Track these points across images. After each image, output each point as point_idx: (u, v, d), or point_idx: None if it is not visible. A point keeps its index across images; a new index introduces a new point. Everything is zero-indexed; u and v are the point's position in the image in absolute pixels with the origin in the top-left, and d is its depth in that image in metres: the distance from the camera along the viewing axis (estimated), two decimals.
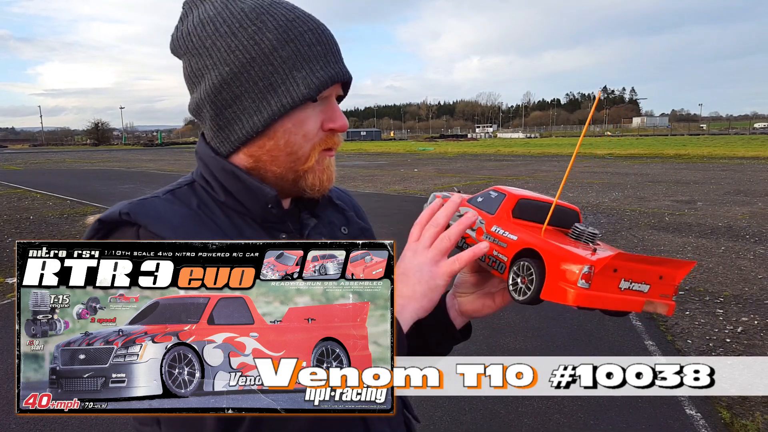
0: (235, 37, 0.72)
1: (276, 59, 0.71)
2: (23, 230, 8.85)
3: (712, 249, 6.79)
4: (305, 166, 0.76)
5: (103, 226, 0.71)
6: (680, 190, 12.68)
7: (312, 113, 0.75)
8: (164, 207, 0.74)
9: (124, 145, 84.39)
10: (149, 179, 18.47)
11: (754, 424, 2.90)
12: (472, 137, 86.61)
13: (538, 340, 4.00)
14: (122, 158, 36.55)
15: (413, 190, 13.81)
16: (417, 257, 0.74)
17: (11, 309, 4.92)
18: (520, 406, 3.14)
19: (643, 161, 23.49)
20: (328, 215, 0.86)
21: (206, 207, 0.76)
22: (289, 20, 0.73)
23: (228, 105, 0.74)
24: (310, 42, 0.73)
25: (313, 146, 0.76)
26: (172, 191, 0.78)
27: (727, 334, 4.15)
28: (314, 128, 0.75)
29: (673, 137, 59.43)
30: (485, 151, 36.27)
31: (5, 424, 2.96)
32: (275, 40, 0.71)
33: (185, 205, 0.75)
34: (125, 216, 0.70)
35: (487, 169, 20.85)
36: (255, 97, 0.72)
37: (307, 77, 0.72)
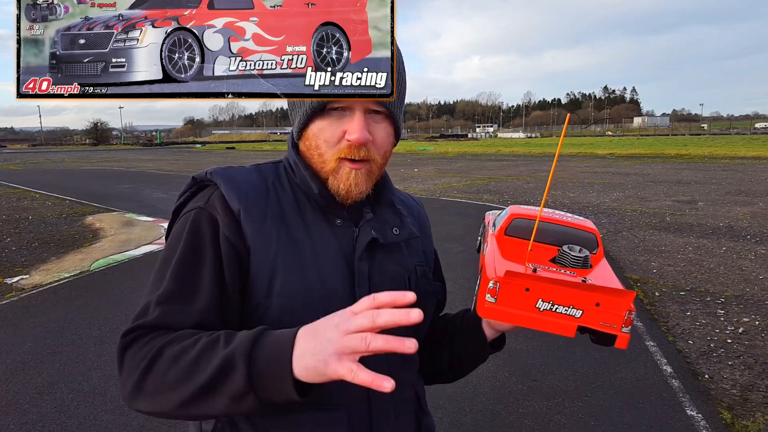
0: None
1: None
2: (22, 230, 8.84)
3: (713, 249, 6.77)
4: (327, 169, 0.85)
5: (195, 183, 0.88)
6: (681, 190, 12.66)
7: (333, 122, 0.83)
8: (243, 175, 0.87)
9: (124, 144, 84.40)
10: (149, 179, 18.45)
11: (755, 425, 2.89)
12: (473, 137, 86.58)
13: (539, 341, 3.98)
14: (121, 158, 36.55)
15: (413, 190, 13.78)
16: (334, 331, 0.64)
17: (11, 309, 4.91)
18: (520, 407, 3.12)
19: (644, 161, 23.46)
20: (384, 214, 0.93)
21: (280, 184, 0.89)
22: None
23: (291, 108, 0.89)
24: None
25: (334, 153, 0.84)
26: (259, 165, 0.93)
27: (728, 334, 4.13)
28: (334, 136, 0.83)
29: (674, 137, 59.41)
30: (486, 151, 36.24)
31: (5, 424, 2.95)
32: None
33: (262, 177, 0.89)
34: (209, 175, 0.86)
35: (488, 169, 20.83)
36: (297, 104, 0.86)
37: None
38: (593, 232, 0.94)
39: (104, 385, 3.36)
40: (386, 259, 0.90)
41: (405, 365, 0.90)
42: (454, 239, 7.48)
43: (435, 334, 1.02)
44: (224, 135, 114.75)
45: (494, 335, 0.97)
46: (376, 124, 0.85)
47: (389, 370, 0.84)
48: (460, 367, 1.04)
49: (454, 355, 1.01)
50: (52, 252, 7.23)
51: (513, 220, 0.81)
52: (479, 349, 0.98)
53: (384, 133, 0.86)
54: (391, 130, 0.88)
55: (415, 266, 0.94)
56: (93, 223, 9.53)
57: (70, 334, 4.23)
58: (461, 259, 6.14)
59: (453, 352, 1.00)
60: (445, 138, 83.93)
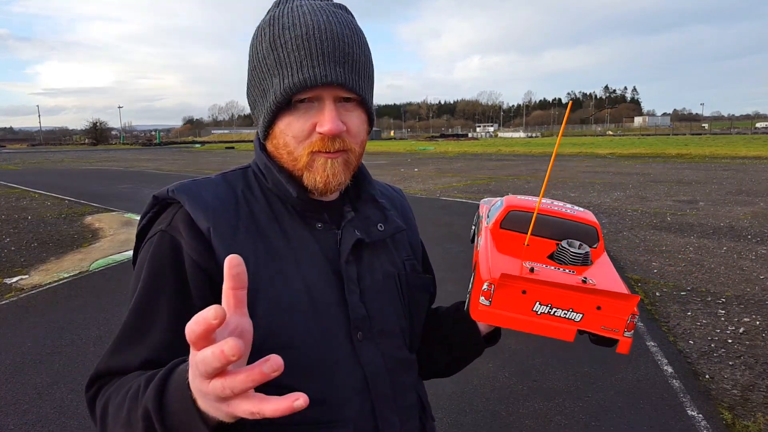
0: (251, 48, 0.81)
1: (264, 67, 0.78)
2: (21, 230, 8.83)
3: (713, 249, 6.76)
4: (300, 165, 0.80)
5: (157, 202, 0.81)
6: (682, 190, 12.65)
7: (301, 116, 0.77)
8: (209, 189, 0.81)
9: (123, 144, 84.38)
10: (148, 179, 18.45)
11: (756, 425, 2.88)
12: (473, 137, 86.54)
13: (539, 341, 3.97)
14: (121, 158, 36.54)
15: (414, 189, 13.78)
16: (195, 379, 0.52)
17: (10, 309, 4.90)
18: (521, 407, 3.12)
19: (645, 161, 23.45)
20: (366, 210, 0.89)
21: (250, 192, 0.83)
22: (284, 28, 0.76)
23: (253, 106, 0.84)
24: (291, 48, 0.75)
25: (305, 147, 0.78)
26: (225, 174, 0.87)
27: (729, 334, 4.12)
28: (302, 130, 0.78)
29: (675, 137, 59.35)
30: (486, 151, 36.23)
31: (5, 424, 2.94)
32: (265, 49, 0.77)
33: (230, 187, 0.83)
34: (171, 193, 0.79)
35: (488, 169, 20.82)
36: (260, 101, 0.80)
37: (279, 83, 0.76)
38: (594, 225, 0.89)
39: None
40: (374, 258, 0.86)
41: (404, 369, 0.87)
42: (454, 239, 7.47)
43: (429, 331, 0.99)
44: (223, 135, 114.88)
45: (489, 329, 0.96)
46: (349, 113, 0.79)
47: (388, 375, 0.83)
48: (456, 363, 1.01)
49: (449, 351, 0.98)
50: (51, 252, 7.22)
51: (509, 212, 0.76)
52: (474, 344, 0.96)
53: (358, 121, 0.80)
54: (365, 117, 0.82)
55: (403, 261, 0.92)
56: (92, 223, 9.52)
57: (69, 334, 4.22)
58: (461, 259, 6.13)
59: (448, 348, 0.98)
60: (446, 138, 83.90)
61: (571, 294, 0.72)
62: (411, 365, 0.90)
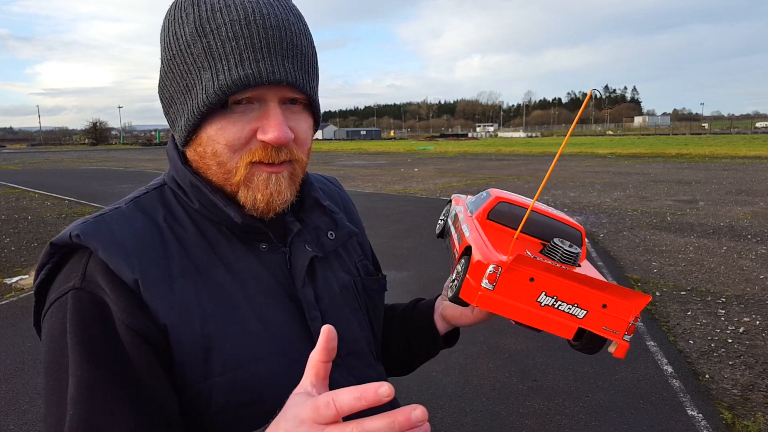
0: (165, 32, 0.66)
1: (189, 57, 0.63)
2: (21, 230, 8.83)
3: (713, 249, 6.76)
4: (235, 180, 0.66)
5: (57, 250, 0.64)
6: (682, 190, 12.65)
7: (237, 119, 0.64)
8: (123, 227, 0.64)
9: (123, 144, 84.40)
10: (147, 179, 18.29)
11: (756, 425, 2.88)
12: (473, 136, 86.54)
13: (539, 341, 3.97)
14: (120, 158, 36.53)
15: (414, 189, 13.78)
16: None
17: (10, 309, 4.90)
18: (521, 407, 3.12)
19: (645, 161, 23.45)
20: (313, 219, 0.77)
21: (174, 218, 0.68)
22: (212, 9, 0.62)
23: (169, 104, 0.68)
24: (225, 36, 0.61)
25: (241, 158, 0.65)
26: (137, 199, 0.70)
27: (729, 334, 4.12)
28: (239, 137, 0.64)
29: (675, 136, 59.36)
30: (486, 151, 36.23)
31: (5, 424, 2.94)
32: (189, 35, 0.62)
33: (149, 217, 0.67)
34: (76, 239, 0.62)
35: (488, 169, 20.82)
36: (181, 98, 0.65)
37: (212, 78, 0.61)
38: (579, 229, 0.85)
39: None
40: (328, 271, 0.76)
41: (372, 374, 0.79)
42: None
43: (386, 328, 0.93)
44: None
45: (447, 329, 0.90)
46: (295, 117, 0.67)
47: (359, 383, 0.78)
48: (411, 364, 0.95)
49: (406, 351, 0.93)
50: None
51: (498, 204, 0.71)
52: (432, 344, 0.90)
53: (305, 126, 0.68)
54: (311, 122, 0.70)
55: (356, 264, 0.83)
56: None
57: None
58: None
59: (405, 348, 0.93)
60: (446, 137, 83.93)
61: (581, 288, 0.67)
62: (381, 379, 0.81)
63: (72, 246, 0.63)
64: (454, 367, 3.56)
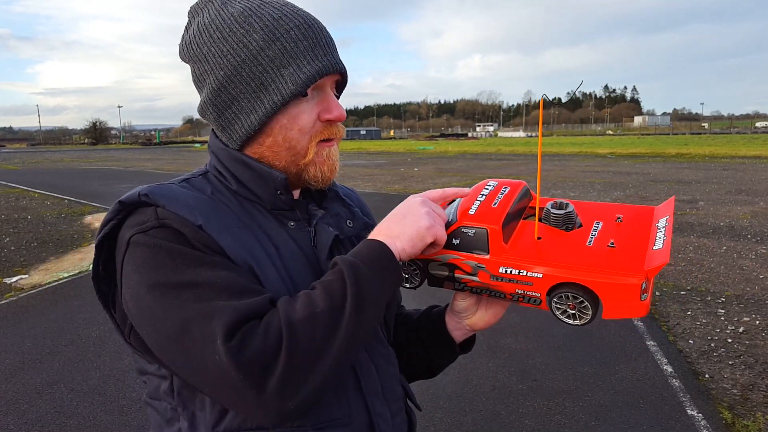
0: (226, 42, 0.75)
1: (264, 59, 0.74)
2: (21, 230, 8.83)
3: (713, 249, 6.76)
4: (305, 160, 0.78)
5: (124, 207, 0.72)
6: (682, 190, 12.65)
7: (306, 107, 0.77)
8: (181, 191, 0.75)
9: (122, 144, 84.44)
10: (147, 179, 18.43)
11: (756, 425, 2.88)
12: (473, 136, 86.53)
13: (539, 341, 3.97)
14: (120, 157, 36.52)
15: (414, 189, 13.78)
16: (424, 206, 0.76)
17: (10, 309, 4.90)
18: (521, 406, 3.12)
19: (645, 160, 23.45)
20: (335, 207, 0.88)
21: (220, 193, 0.79)
22: (275, 19, 0.75)
23: (227, 106, 0.77)
24: (296, 38, 0.74)
25: (311, 139, 0.78)
26: (187, 180, 0.80)
27: (729, 334, 4.12)
28: (309, 121, 0.77)
29: (675, 136, 59.37)
30: (486, 150, 36.22)
31: (5, 424, 2.94)
32: (261, 41, 0.74)
33: (200, 192, 0.77)
34: (144, 197, 0.71)
35: (488, 169, 20.82)
36: (249, 97, 0.75)
37: (294, 73, 0.74)
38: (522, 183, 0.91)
39: (104, 385, 3.36)
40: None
41: (387, 361, 0.87)
42: None
43: (402, 337, 0.98)
44: None
45: (464, 336, 0.94)
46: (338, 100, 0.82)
47: (375, 369, 0.82)
48: (432, 370, 1.01)
49: (425, 359, 0.98)
50: (51, 252, 7.22)
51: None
52: (448, 351, 0.95)
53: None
54: None
55: None
56: (92, 222, 9.52)
57: (69, 334, 4.22)
58: None
59: (423, 356, 0.98)
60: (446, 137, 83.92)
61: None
62: (391, 356, 0.89)
63: (139, 203, 0.71)
64: (454, 367, 3.54)
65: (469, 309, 0.90)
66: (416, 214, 0.75)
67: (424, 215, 0.74)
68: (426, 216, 0.75)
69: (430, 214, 0.75)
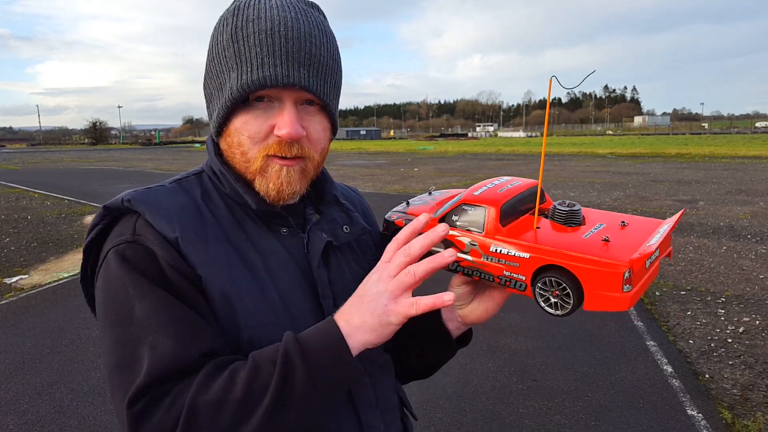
0: (213, 35, 0.77)
1: (223, 59, 0.73)
2: (21, 230, 8.83)
3: (713, 249, 6.76)
4: (252, 168, 0.75)
5: (108, 213, 0.74)
6: (682, 190, 12.65)
7: (259, 115, 0.73)
8: (166, 197, 0.75)
9: (122, 144, 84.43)
10: (147, 179, 18.43)
11: (756, 425, 2.88)
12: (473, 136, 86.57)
13: (539, 341, 3.97)
14: (120, 157, 36.53)
15: (413, 189, 13.78)
16: (379, 284, 0.68)
17: (10, 309, 4.90)
18: (520, 407, 3.12)
19: (645, 160, 23.45)
20: (331, 213, 0.86)
21: (209, 198, 0.78)
22: (248, 21, 0.72)
23: (209, 99, 0.79)
24: (253, 43, 0.70)
25: (260, 150, 0.74)
26: (179, 180, 0.81)
27: (729, 334, 4.12)
28: (260, 131, 0.73)
29: (675, 136, 59.37)
30: (486, 150, 36.22)
31: (5, 424, 2.94)
32: (226, 40, 0.73)
33: (188, 195, 0.77)
34: (126, 203, 0.72)
35: (488, 169, 20.82)
36: (216, 95, 0.76)
37: (237, 78, 0.71)
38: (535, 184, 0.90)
39: (104, 385, 3.36)
40: (342, 261, 0.83)
41: (382, 371, 0.85)
42: None
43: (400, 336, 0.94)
44: None
45: (460, 330, 0.91)
46: (310, 117, 0.75)
47: (369, 379, 0.81)
48: (429, 367, 0.98)
49: (421, 356, 0.95)
50: (51, 252, 7.22)
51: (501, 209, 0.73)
52: (445, 346, 0.92)
53: (320, 127, 0.77)
54: (327, 124, 0.79)
55: (369, 262, 0.87)
56: None
57: (69, 334, 4.22)
58: None
59: (420, 354, 0.94)
60: (445, 137, 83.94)
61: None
62: (388, 365, 0.87)
63: (122, 209, 0.73)
64: (454, 367, 3.56)
65: (463, 299, 0.87)
66: (371, 294, 0.68)
67: (379, 295, 0.67)
68: (383, 295, 0.67)
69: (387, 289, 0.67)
